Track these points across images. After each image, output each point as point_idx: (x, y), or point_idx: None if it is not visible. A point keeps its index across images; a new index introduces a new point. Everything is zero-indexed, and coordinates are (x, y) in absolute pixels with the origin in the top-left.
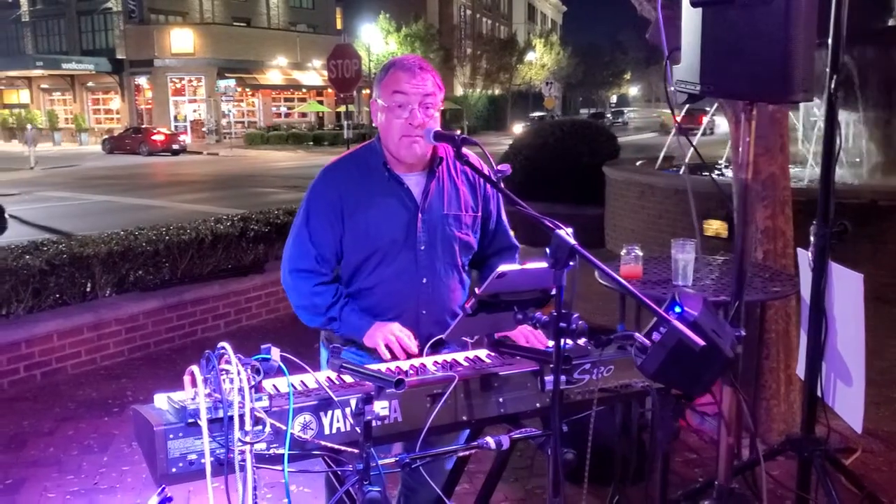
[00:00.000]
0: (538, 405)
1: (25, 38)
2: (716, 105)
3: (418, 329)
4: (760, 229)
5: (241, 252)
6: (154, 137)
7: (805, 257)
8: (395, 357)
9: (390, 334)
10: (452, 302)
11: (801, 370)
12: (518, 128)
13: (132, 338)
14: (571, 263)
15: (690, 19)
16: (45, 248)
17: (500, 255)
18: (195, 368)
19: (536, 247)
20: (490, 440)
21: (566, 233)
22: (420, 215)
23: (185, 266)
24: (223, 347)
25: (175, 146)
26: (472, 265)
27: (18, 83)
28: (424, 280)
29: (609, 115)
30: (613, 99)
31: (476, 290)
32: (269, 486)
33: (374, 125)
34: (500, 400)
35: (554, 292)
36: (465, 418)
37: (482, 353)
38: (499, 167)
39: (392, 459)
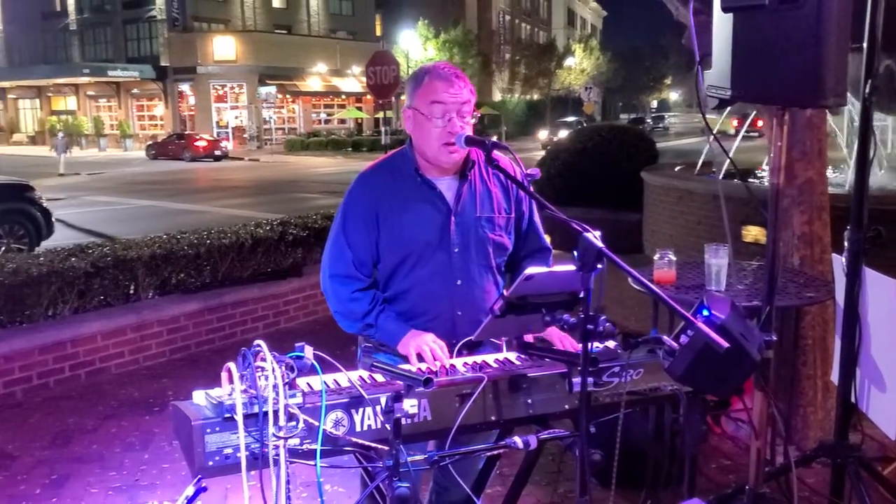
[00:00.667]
0: (567, 407)
1: (73, 46)
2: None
3: (454, 330)
4: (797, 235)
5: (279, 256)
6: (197, 143)
7: (839, 263)
8: None
9: (424, 344)
10: (487, 303)
11: (836, 376)
12: (543, 134)
13: (173, 339)
14: (599, 266)
15: (722, 24)
16: (91, 251)
17: (532, 258)
18: (232, 365)
19: (571, 251)
20: (518, 440)
21: (594, 236)
22: (453, 218)
23: (225, 269)
24: (258, 345)
25: (217, 152)
26: (505, 267)
27: (66, 90)
28: (459, 282)
29: (649, 121)
30: (654, 104)
31: (504, 292)
32: (305, 484)
33: (408, 132)
34: (529, 401)
35: (581, 295)
36: (493, 418)
37: (512, 355)
38: (528, 171)
39: (421, 457)
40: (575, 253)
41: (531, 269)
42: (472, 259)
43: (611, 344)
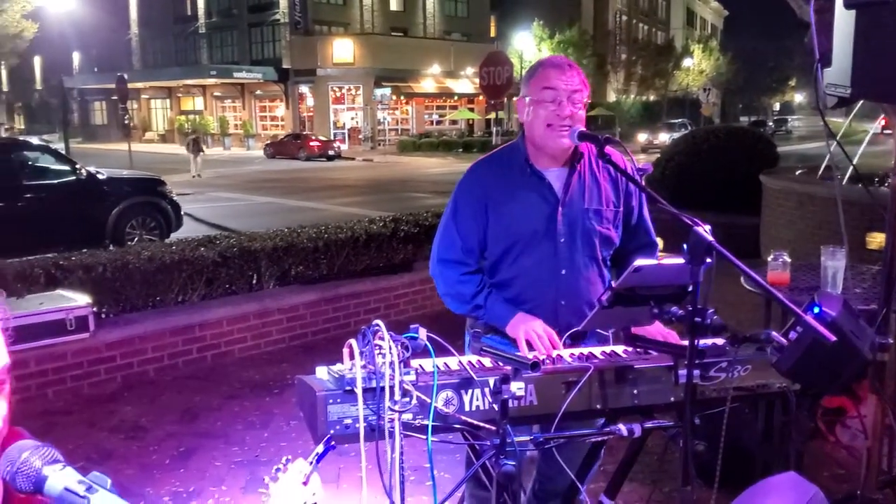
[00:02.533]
0: (672, 399)
1: (201, 48)
2: None
3: (556, 319)
4: None
5: (391, 251)
6: (312, 143)
7: None
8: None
9: (533, 330)
10: (592, 294)
11: None
12: (643, 136)
13: (292, 326)
14: (708, 260)
15: (843, 21)
16: (218, 242)
17: (639, 252)
18: (353, 342)
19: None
20: (622, 427)
21: (704, 230)
22: (560, 209)
23: (340, 262)
24: (377, 324)
25: (330, 152)
26: (611, 261)
27: (194, 91)
28: (563, 271)
29: (771, 123)
30: (776, 106)
31: (613, 283)
32: (412, 469)
33: (520, 122)
34: (635, 392)
35: (690, 288)
36: (598, 406)
37: (619, 348)
38: (641, 165)
39: (527, 438)
40: (685, 246)
41: (640, 261)
42: (577, 250)
43: (719, 341)
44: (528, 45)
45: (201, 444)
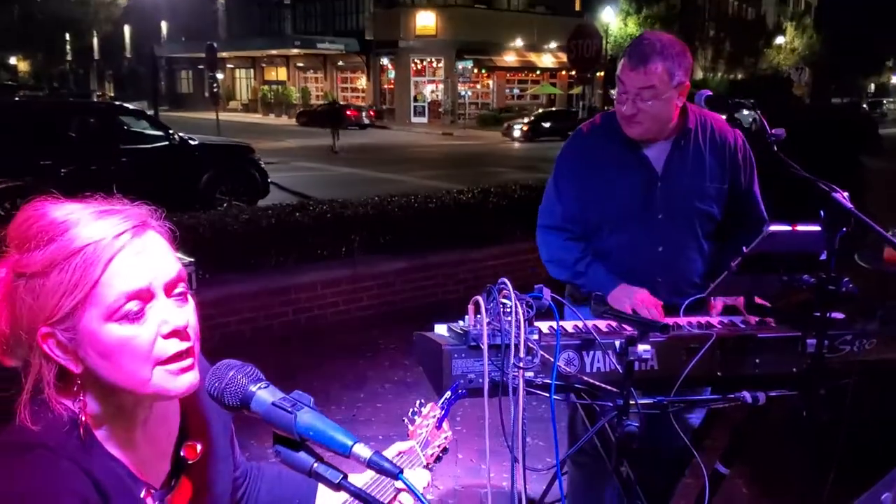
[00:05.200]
0: (794, 369)
1: (285, 19)
2: None
3: (654, 295)
4: None
5: (480, 223)
6: (348, 113)
7: None
8: None
9: (639, 301)
10: (691, 272)
11: None
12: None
13: (383, 293)
14: (844, 228)
15: None
16: (312, 208)
17: (747, 228)
18: (479, 299)
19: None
20: (747, 394)
21: (843, 196)
22: (658, 184)
23: (430, 232)
24: (504, 282)
25: (365, 121)
26: (717, 236)
27: (278, 61)
28: (661, 248)
29: (865, 105)
30: (871, 87)
31: (744, 249)
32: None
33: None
34: (756, 361)
35: (823, 257)
36: (719, 374)
37: (736, 318)
38: (773, 131)
39: (651, 401)
40: (821, 213)
41: (774, 227)
42: (676, 226)
43: (839, 315)
44: (613, 19)
45: None
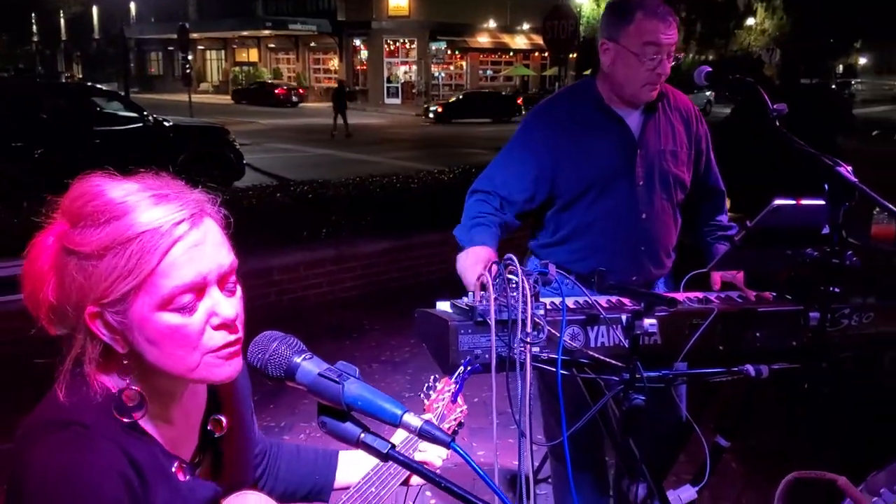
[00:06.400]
0: (794, 343)
1: (257, 0)
2: None
3: (638, 266)
4: None
5: (462, 203)
6: (276, 92)
7: None
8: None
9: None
10: (668, 241)
11: None
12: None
13: (366, 274)
14: (848, 203)
15: None
16: (293, 189)
17: (707, 199)
18: (486, 274)
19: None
20: (750, 367)
21: (847, 170)
22: (638, 150)
23: (412, 213)
24: (510, 258)
25: (294, 99)
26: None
27: (249, 42)
28: (644, 215)
29: (833, 86)
30: (839, 69)
31: (748, 223)
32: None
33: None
34: (757, 335)
35: (825, 230)
36: (721, 348)
37: (733, 293)
38: (775, 106)
39: (657, 374)
40: (826, 186)
41: (779, 201)
42: (656, 192)
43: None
44: (586, 0)
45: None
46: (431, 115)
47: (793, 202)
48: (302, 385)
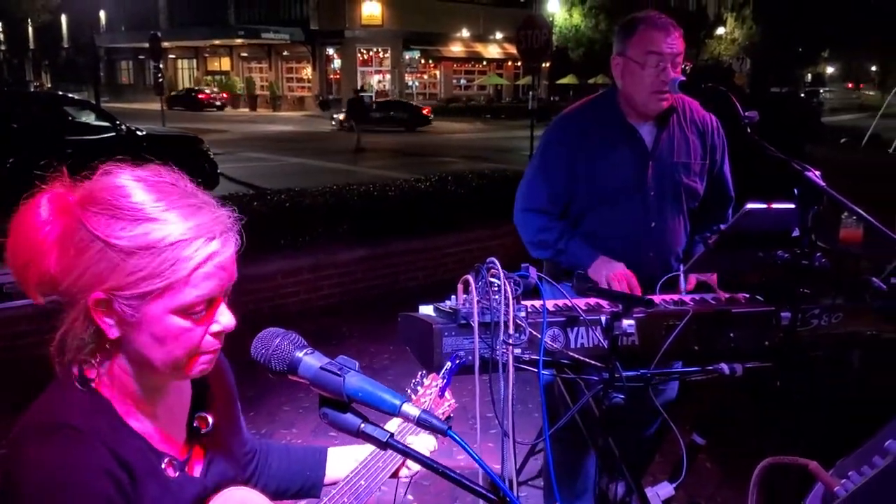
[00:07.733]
0: (766, 343)
1: (229, 8)
2: None
3: (642, 271)
4: None
5: (440, 211)
6: (201, 97)
7: None
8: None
9: (615, 275)
10: (678, 248)
11: None
12: None
13: (344, 282)
14: (817, 206)
15: None
16: (271, 198)
17: (717, 203)
18: (469, 277)
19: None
20: (724, 366)
21: (815, 175)
22: (651, 163)
23: (389, 221)
24: (492, 261)
25: (218, 103)
26: (694, 213)
27: (221, 51)
28: (653, 224)
29: (802, 95)
30: (808, 77)
31: (721, 227)
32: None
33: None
34: (731, 335)
35: (795, 233)
36: (696, 348)
37: (707, 295)
38: (746, 113)
39: (635, 374)
40: (795, 190)
41: (751, 205)
42: (666, 203)
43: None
44: (558, 9)
45: (268, 390)
46: (334, 124)
47: (764, 206)
48: (304, 378)
